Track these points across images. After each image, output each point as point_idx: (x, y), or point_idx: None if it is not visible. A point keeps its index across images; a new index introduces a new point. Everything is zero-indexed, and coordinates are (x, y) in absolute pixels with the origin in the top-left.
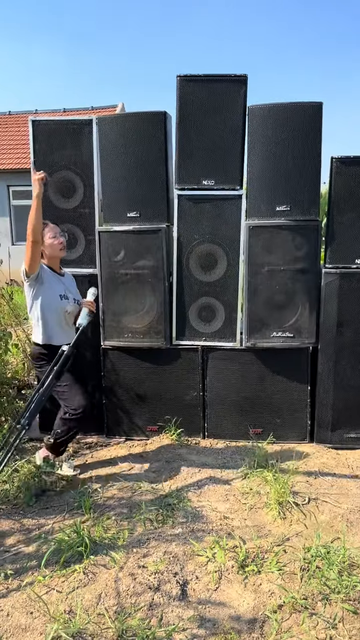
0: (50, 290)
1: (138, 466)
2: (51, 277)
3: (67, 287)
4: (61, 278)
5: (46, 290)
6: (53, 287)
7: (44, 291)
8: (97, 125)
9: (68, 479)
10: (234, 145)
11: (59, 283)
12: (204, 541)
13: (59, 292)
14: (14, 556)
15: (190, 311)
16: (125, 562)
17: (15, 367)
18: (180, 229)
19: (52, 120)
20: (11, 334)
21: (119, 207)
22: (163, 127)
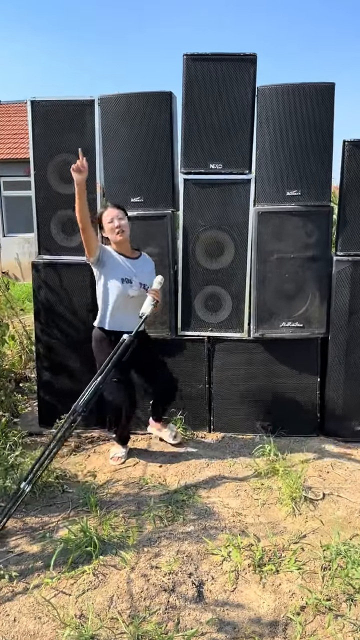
0: (112, 273)
1: (143, 461)
2: (115, 260)
3: (135, 271)
4: (131, 261)
5: (107, 273)
6: (115, 270)
7: (105, 274)
8: (100, 106)
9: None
10: (243, 128)
11: (124, 266)
12: (217, 539)
13: (122, 276)
14: (17, 557)
15: (196, 300)
16: (136, 562)
17: (12, 359)
18: (186, 215)
19: (52, 100)
20: (8, 325)
21: (122, 192)
22: (169, 108)
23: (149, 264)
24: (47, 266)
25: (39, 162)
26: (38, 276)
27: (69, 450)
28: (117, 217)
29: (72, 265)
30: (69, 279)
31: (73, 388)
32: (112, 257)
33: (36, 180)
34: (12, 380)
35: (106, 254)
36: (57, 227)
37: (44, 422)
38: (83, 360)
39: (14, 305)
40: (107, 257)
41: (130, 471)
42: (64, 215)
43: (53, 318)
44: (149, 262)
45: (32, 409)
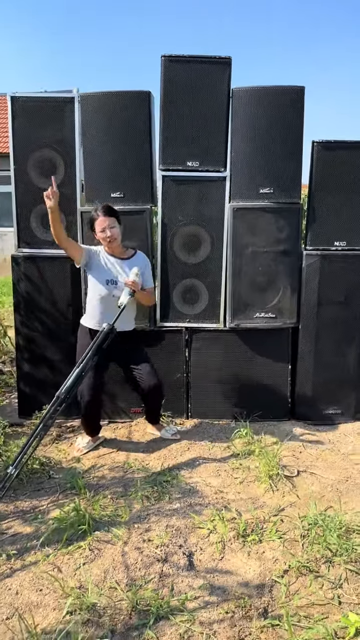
0: (97, 276)
1: (125, 447)
2: (101, 262)
3: (124, 271)
4: (121, 262)
5: (93, 275)
6: (100, 272)
7: (91, 276)
8: (80, 103)
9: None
10: (219, 127)
11: (112, 268)
12: (202, 514)
13: (107, 277)
14: (12, 537)
15: (175, 293)
16: (128, 537)
17: None
18: (165, 211)
19: (32, 97)
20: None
21: (102, 187)
22: (147, 106)
23: (141, 262)
24: (27, 259)
25: (19, 156)
26: (18, 269)
27: (51, 439)
28: (109, 226)
29: (52, 259)
30: (49, 272)
31: (53, 379)
32: (98, 259)
33: (16, 174)
34: None
35: (93, 257)
36: (36, 221)
37: (23, 413)
38: (63, 352)
39: None
40: (94, 259)
41: (114, 457)
42: (44, 209)
43: (33, 310)
44: (142, 260)
45: (10, 402)
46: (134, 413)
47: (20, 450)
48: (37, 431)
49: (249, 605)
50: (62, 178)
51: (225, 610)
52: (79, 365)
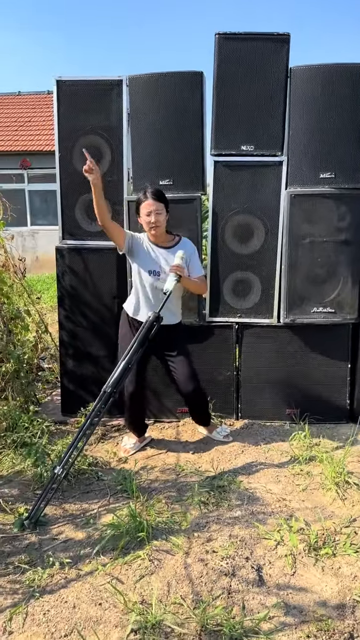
0: (140, 264)
1: (174, 448)
2: (145, 250)
3: (168, 261)
4: (165, 251)
5: (138, 263)
6: (144, 261)
7: (135, 264)
8: (128, 86)
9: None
10: (275, 109)
11: (155, 257)
12: (267, 524)
13: (149, 268)
14: (64, 544)
15: (225, 286)
16: (189, 547)
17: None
18: (216, 198)
19: (78, 80)
20: (29, 311)
21: (150, 174)
22: (200, 88)
23: (188, 248)
24: (72, 251)
25: (64, 143)
26: (62, 261)
27: (97, 438)
28: (156, 211)
29: (97, 250)
30: (94, 264)
31: (97, 376)
32: (142, 247)
33: (60, 162)
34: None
35: (136, 244)
36: (81, 211)
37: (67, 410)
38: (108, 347)
39: (31, 294)
40: (137, 247)
41: (164, 458)
42: (89, 198)
43: (77, 304)
44: (188, 246)
45: (52, 399)
46: (181, 412)
47: (67, 449)
48: (83, 429)
49: (332, 629)
50: (108, 165)
51: (306, 634)
52: (125, 358)
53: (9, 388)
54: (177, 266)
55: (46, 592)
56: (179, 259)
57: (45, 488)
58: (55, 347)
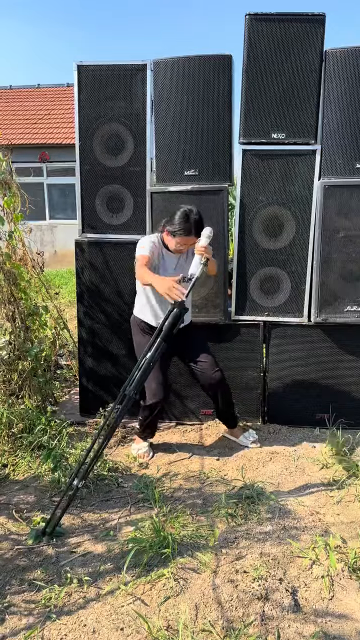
0: (158, 272)
1: (198, 453)
2: (164, 260)
3: (184, 266)
4: (174, 258)
5: (153, 271)
6: (162, 270)
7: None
8: (153, 71)
9: None
10: (309, 94)
11: (167, 262)
12: (300, 540)
13: (164, 274)
14: (82, 557)
15: (252, 282)
16: (217, 565)
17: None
18: (244, 189)
19: (100, 65)
20: (47, 307)
21: (174, 164)
22: (228, 72)
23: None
24: (92, 245)
25: (85, 132)
26: (82, 256)
27: (116, 442)
28: (187, 244)
29: (119, 244)
30: (114, 259)
31: (117, 375)
32: (161, 257)
33: (81, 152)
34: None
35: (156, 256)
36: (102, 203)
37: (85, 411)
38: (128, 346)
39: (50, 289)
40: (157, 258)
41: (187, 464)
42: (110, 190)
43: (97, 301)
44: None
45: (70, 398)
46: (205, 415)
47: (84, 455)
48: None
49: None
50: (131, 155)
51: None
52: (145, 355)
53: (26, 387)
54: (205, 248)
55: (63, 613)
56: (206, 238)
57: (62, 497)
58: (74, 343)
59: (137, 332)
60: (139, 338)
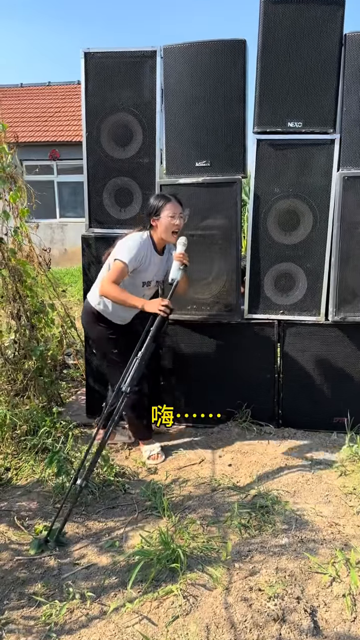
0: (137, 276)
1: (209, 458)
2: (145, 263)
3: (158, 269)
4: (159, 258)
5: (133, 277)
6: (142, 273)
7: (130, 278)
8: (163, 58)
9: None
10: (327, 80)
11: (151, 267)
12: (318, 554)
13: (144, 279)
14: (86, 570)
15: (266, 279)
16: (229, 581)
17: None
18: (258, 181)
19: (108, 52)
20: (54, 305)
21: (185, 155)
22: (242, 58)
23: (170, 255)
24: (99, 240)
25: (92, 122)
26: (89, 251)
27: (123, 444)
28: (180, 215)
29: None
30: None
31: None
32: (147, 258)
33: (88, 143)
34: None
35: (142, 260)
36: (110, 197)
37: (92, 412)
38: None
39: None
40: (142, 262)
41: (197, 470)
42: (118, 183)
43: None
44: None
45: (77, 398)
46: (216, 418)
47: (83, 456)
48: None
49: None
50: (140, 146)
51: None
52: (137, 354)
53: (31, 387)
54: (183, 254)
55: (64, 631)
56: (182, 246)
57: (63, 500)
58: (82, 342)
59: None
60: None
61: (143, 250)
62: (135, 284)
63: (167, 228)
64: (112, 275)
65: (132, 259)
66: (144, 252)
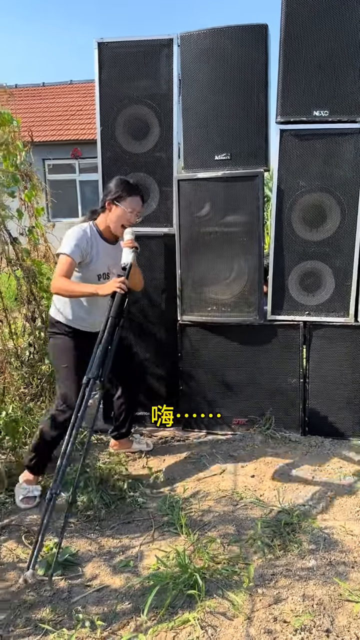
0: (91, 268)
1: (230, 468)
2: (96, 250)
3: (114, 259)
4: (111, 247)
5: (84, 270)
6: (96, 266)
7: (82, 272)
8: (180, 46)
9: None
10: (355, 66)
11: (105, 259)
12: (350, 579)
13: (98, 272)
14: (97, 593)
15: (291, 278)
16: (251, 609)
17: None
18: (282, 174)
19: (122, 41)
20: None
21: (204, 148)
22: (264, 44)
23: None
24: None
25: (106, 115)
26: None
27: (140, 453)
28: (137, 213)
29: (143, 238)
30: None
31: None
32: (93, 251)
33: (102, 138)
34: None
35: (88, 252)
36: None
37: (108, 417)
38: (153, 347)
39: None
40: (89, 254)
41: (218, 482)
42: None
43: None
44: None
45: (94, 402)
46: (238, 424)
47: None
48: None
49: None
50: (157, 140)
51: None
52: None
53: (46, 391)
54: (132, 240)
55: None
56: (130, 234)
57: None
58: None
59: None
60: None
61: (85, 239)
62: (90, 278)
63: (119, 219)
64: (58, 270)
65: (73, 250)
66: (87, 240)
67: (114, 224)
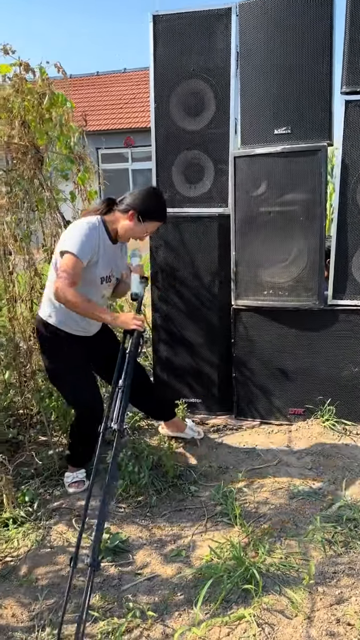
0: (94, 270)
1: (286, 459)
2: (104, 255)
3: (117, 262)
4: (113, 248)
5: (87, 272)
6: (100, 268)
7: (84, 274)
8: (238, 16)
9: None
10: None
11: (109, 260)
12: None
13: (101, 274)
14: (148, 582)
15: (355, 260)
16: (311, 608)
17: None
18: (347, 148)
19: (178, 13)
20: None
21: (262, 122)
22: (329, 9)
23: (124, 246)
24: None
25: (161, 91)
26: (156, 233)
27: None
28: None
29: (197, 219)
30: (192, 237)
31: (194, 366)
32: (100, 247)
33: (156, 115)
34: None
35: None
36: (179, 173)
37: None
38: (205, 333)
39: None
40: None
41: (274, 473)
42: (189, 157)
43: (173, 283)
44: (125, 244)
45: None
46: (294, 414)
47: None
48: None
49: None
50: (212, 115)
51: None
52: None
53: None
54: (141, 269)
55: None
56: (139, 258)
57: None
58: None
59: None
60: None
61: (94, 238)
62: (93, 280)
63: (133, 233)
64: (67, 275)
65: (83, 250)
66: (95, 240)
67: (125, 232)
